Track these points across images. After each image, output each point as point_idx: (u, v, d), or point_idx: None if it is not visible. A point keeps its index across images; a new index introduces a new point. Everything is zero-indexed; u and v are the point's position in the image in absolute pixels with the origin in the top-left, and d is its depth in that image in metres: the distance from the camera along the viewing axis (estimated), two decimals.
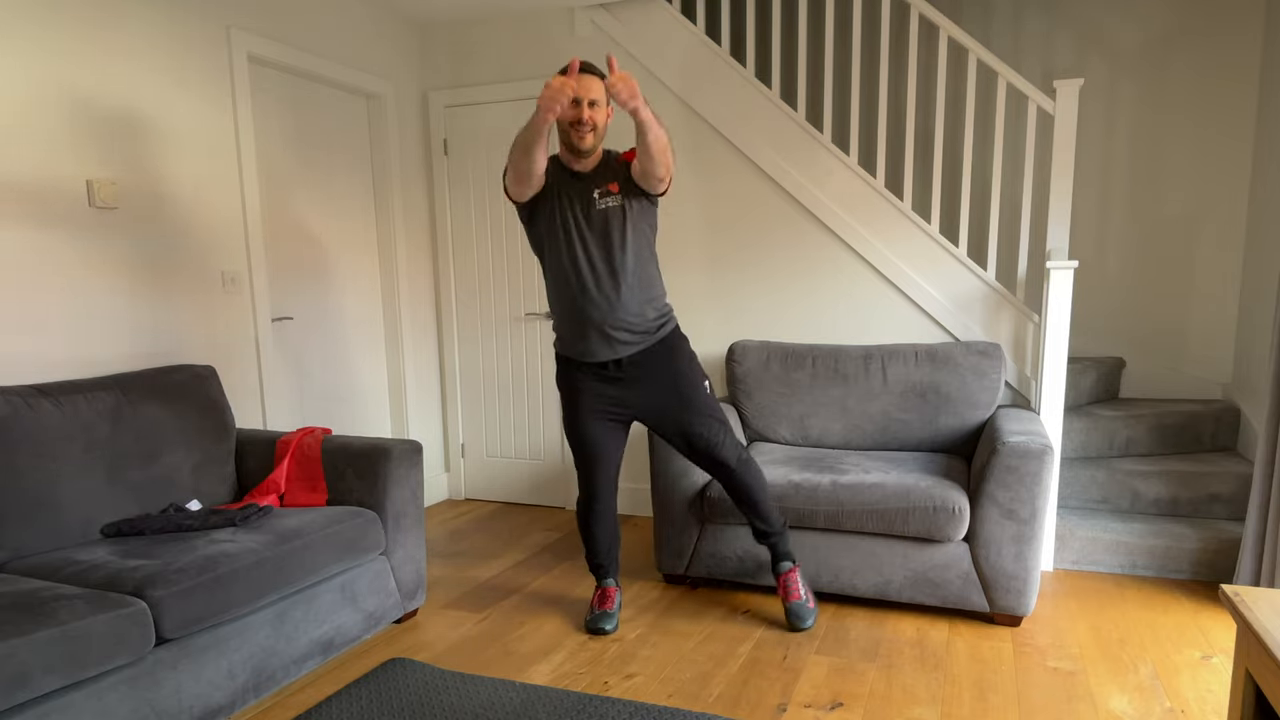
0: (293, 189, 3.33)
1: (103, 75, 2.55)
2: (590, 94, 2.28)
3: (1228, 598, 1.53)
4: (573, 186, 2.39)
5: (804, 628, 2.58)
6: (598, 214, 2.38)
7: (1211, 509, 3.13)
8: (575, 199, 2.38)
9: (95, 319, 2.55)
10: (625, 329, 2.41)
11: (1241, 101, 3.59)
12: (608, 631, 2.62)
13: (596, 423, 2.52)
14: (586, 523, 2.65)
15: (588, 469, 2.58)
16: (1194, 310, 3.76)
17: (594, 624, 2.62)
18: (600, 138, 2.35)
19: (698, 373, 2.54)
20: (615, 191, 2.39)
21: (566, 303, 2.42)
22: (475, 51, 3.86)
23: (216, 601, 1.95)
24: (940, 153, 3.25)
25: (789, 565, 2.64)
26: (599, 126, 2.32)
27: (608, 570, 2.72)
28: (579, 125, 2.30)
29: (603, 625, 2.61)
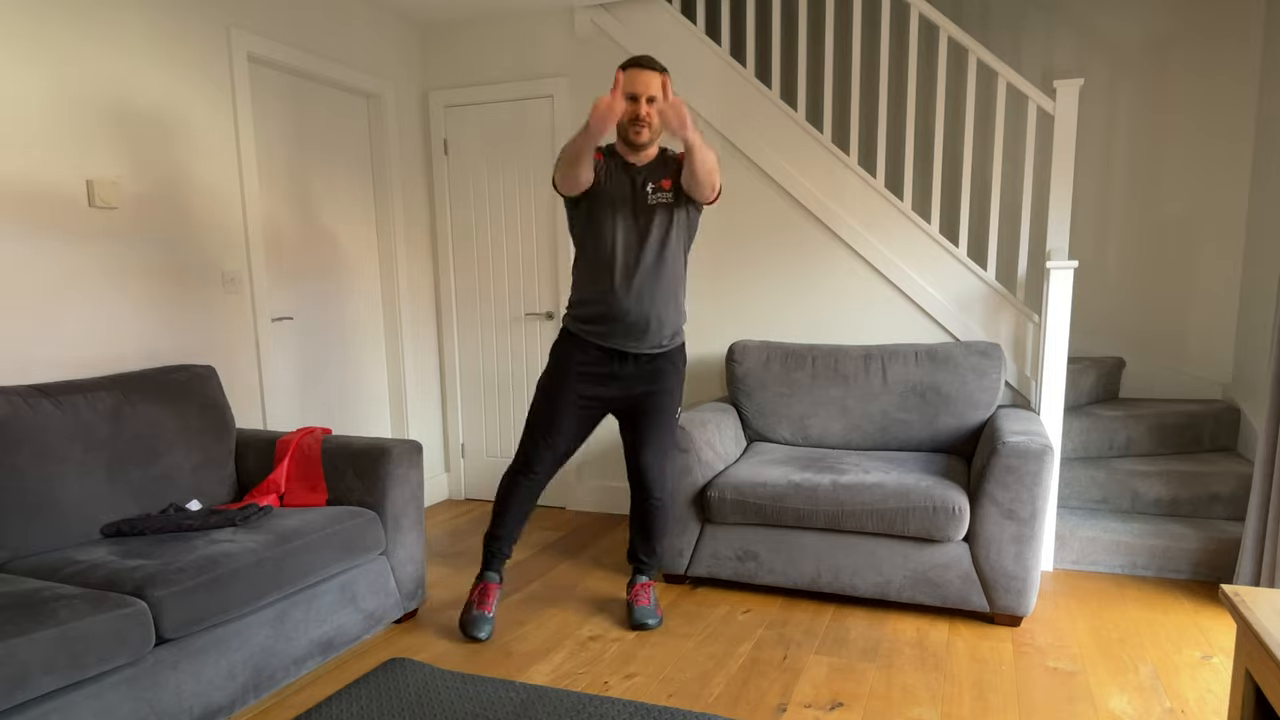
0: (293, 189, 3.33)
1: (103, 75, 2.55)
2: (648, 90, 2.30)
3: (1228, 598, 1.53)
4: (627, 178, 2.42)
5: (648, 625, 2.61)
6: (647, 209, 2.40)
7: (1211, 509, 3.13)
8: (628, 191, 2.41)
9: (95, 319, 2.55)
10: (645, 327, 2.43)
11: (1241, 102, 3.59)
12: (481, 639, 2.52)
13: (573, 403, 2.52)
14: (510, 491, 2.58)
15: (540, 440, 2.52)
16: (1194, 310, 3.76)
17: (470, 627, 2.53)
18: (657, 133, 2.38)
19: (679, 397, 2.61)
20: (668, 189, 2.41)
21: (597, 289, 2.43)
22: (475, 51, 3.86)
23: (216, 601, 1.95)
24: (940, 153, 3.25)
25: (647, 579, 2.74)
26: (655, 123, 2.34)
27: (504, 555, 2.63)
28: (636, 122, 2.32)
29: (476, 631, 2.52)
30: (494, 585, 2.63)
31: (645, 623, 2.61)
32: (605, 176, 2.42)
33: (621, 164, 2.43)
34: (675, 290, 2.48)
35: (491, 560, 2.64)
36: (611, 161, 2.44)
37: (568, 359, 2.51)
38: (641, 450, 2.58)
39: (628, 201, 2.41)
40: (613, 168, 2.43)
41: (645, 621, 2.61)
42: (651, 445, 2.58)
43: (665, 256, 2.42)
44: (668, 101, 2.17)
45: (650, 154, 2.44)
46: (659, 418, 2.56)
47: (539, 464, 2.55)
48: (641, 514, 2.67)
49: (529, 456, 2.55)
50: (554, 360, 2.55)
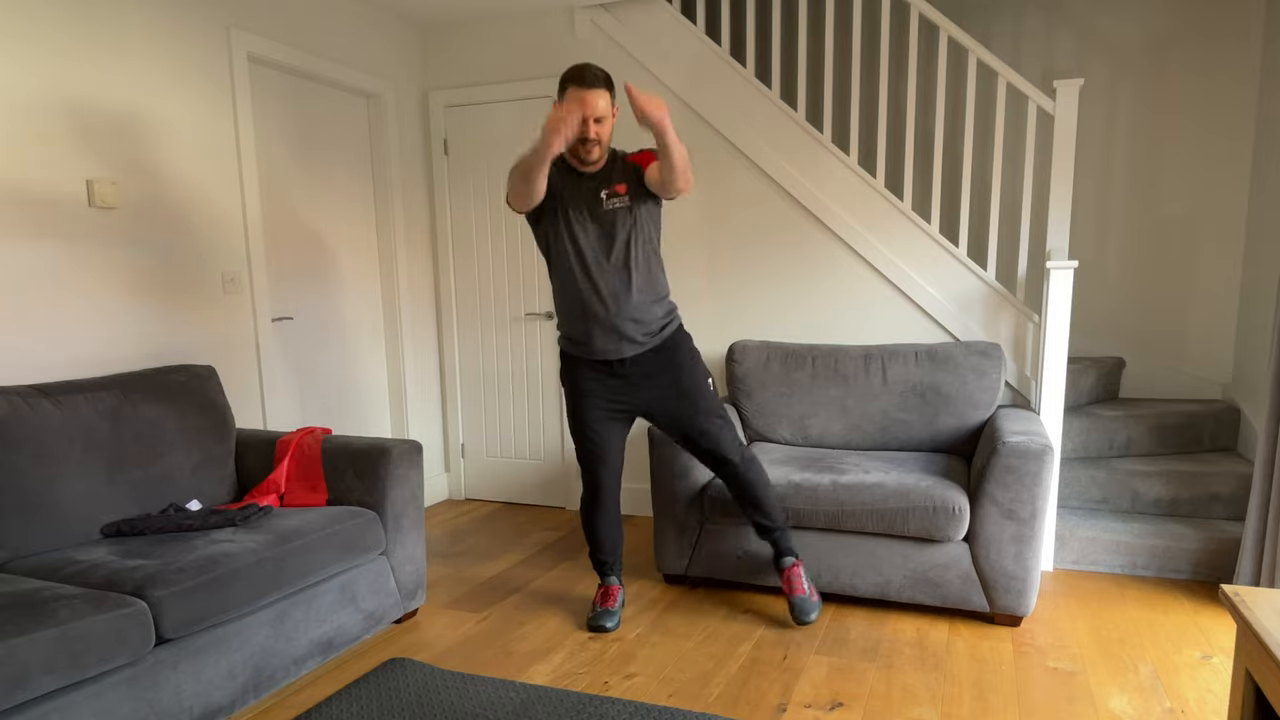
0: (293, 189, 3.33)
1: (103, 75, 2.55)
2: (595, 111, 2.28)
3: (1228, 598, 1.53)
4: (579, 188, 2.40)
5: (808, 621, 2.55)
6: (604, 214, 2.39)
7: (1211, 509, 3.13)
8: (582, 200, 2.39)
9: (95, 319, 2.55)
10: (631, 328, 2.42)
11: (1241, 102, 3.59)
12: (609, 629, 2.62)
13: (600, 420, 2.53)
14: (591, 519, 2.66)
15: (591, 465, 2.58)
16: (1194, 310, 3.76)
17: (595, 621, 2.62)
18: (605, 150, 2.38)
19: (701, 370, 2.54)
20: (623, 193, 2.40)
21: (573, 302, 2.43)
22: (475, 51, 3.86)
23: (216, 601, 1.95)
24: (940, 153, 3.25)
25: (792, 560, 2.64)
26: (604, 140, 2.34)
27: (611, 567, 2.73)
28: (585, 143, 2.32)
29: (604, 623, 2.62)
30: (615, 587, 2.73)
31: (808, 618, 2.54)
32: (557, 188, 2.40)
33: (573, 176, 2.42)
34: (651, 285, 2.45)
35: (605, 574, 2.74)
36: (563, 175, 2.42)
37: (576, 382, 2.53)
38: (690, 426, 2.50)
39: (584, 210, 2.39)
40: (564, 179, 2.41)
41: (808, 616, 2.54)
42: (696, 415, 2.49)
43: (632, 257, 2.40)
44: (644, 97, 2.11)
45: (600, 161, 2.41)
46: (691, 393, 2.49)
47: (602, 485, 2.60)
48: (736, 484, 2.57)
49: (592, 484, 2.61)
50: (566, 387, 2.57)
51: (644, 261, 2.43)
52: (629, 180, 2.41)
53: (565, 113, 2.15)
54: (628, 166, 2.42)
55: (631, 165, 2.42)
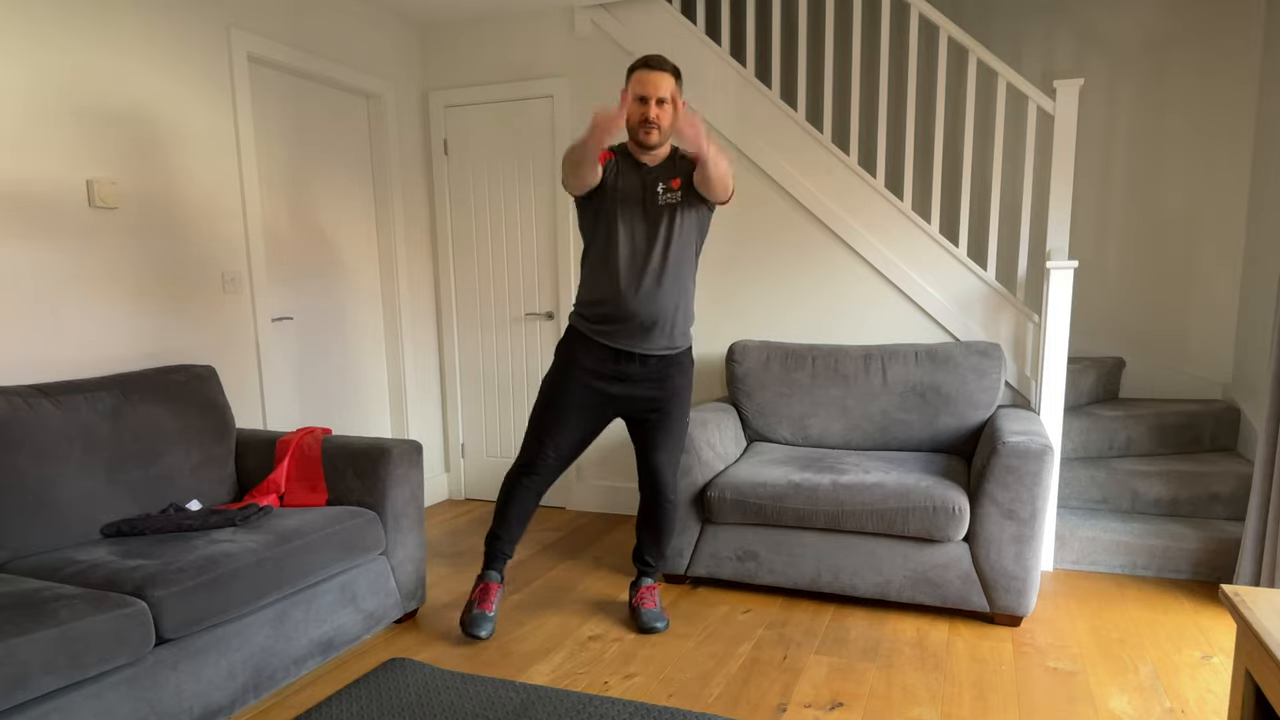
0: (293, 189, 3.33)
1: (103, 75, 2.55)
2: (659, 92, 2.30)
3: (1228, 598, 1.53)
4: (637, 177, 2.42)
5: (657, 629, 2.60)
6: (656, 209, 2.40)
7: (1211, 509, 3.13)
8: (637, 191, 2.41)
9: (95, 319, 2.55)
10: (653, 328, 2.43)
11: (1241, 101, 3.59)
12: (482, 638, 2.52)
13: (579, 403, 2.50)
14: (512, 492, 2.56)
15: (544, 440, 2.51)
16: (1194, 310, 3.76)
17: (471, 626, 2.51)
18: (667, 134, 2.37)
19: (688, 401, 2.60)
20: (677, 188, 2.41)
21: (604, 288, 2.43)
22: (476, 51, 3.86)
23: (216, 601, 1.95)
24: (940, 153, 3.25)
25: (652, 582, 2.73)
26: (665, 125, 2.35)
27: (505, 555, 2.61)
28: (646, 123, 2.33)
29: (477, 630, 2.50)
30: (495, 585, 2.61)
31: (654, 626, 2.60)
32: (615, 176, 2.41)
33: (632, 163, 2.43)
34: (684, 291, 2.46)
35: (493, 560, 2.62)
36: (622, 161, 2.44)
37: (574, 358, 2.50)
38: (654, 453, 2.57)
39: (637, 201, 2.40)
40: (623, 167, 2.42)
41: (654, 625, 2.60)
42: (664, 448, 2.56)
43: (674, 257, 2.41)
44: (682, 116, 2.19)
45: (661, 154, 2.43)
46: (670, 421, 2.55)
47: (542, 464, 2.53)
48: (652, 516, 2.65)
49: (532, 457, 2.53)
50: (560, 359, 2.53)
51: (681, 264, 2.43)
52: (685, 177, 2.42)
53: (617, 112, 2.16)
54: (687, 164, 2.44)
55: (690, 164, 2.44)
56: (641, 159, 2.43)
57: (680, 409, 2.56)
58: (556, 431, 2.51)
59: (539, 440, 2.52)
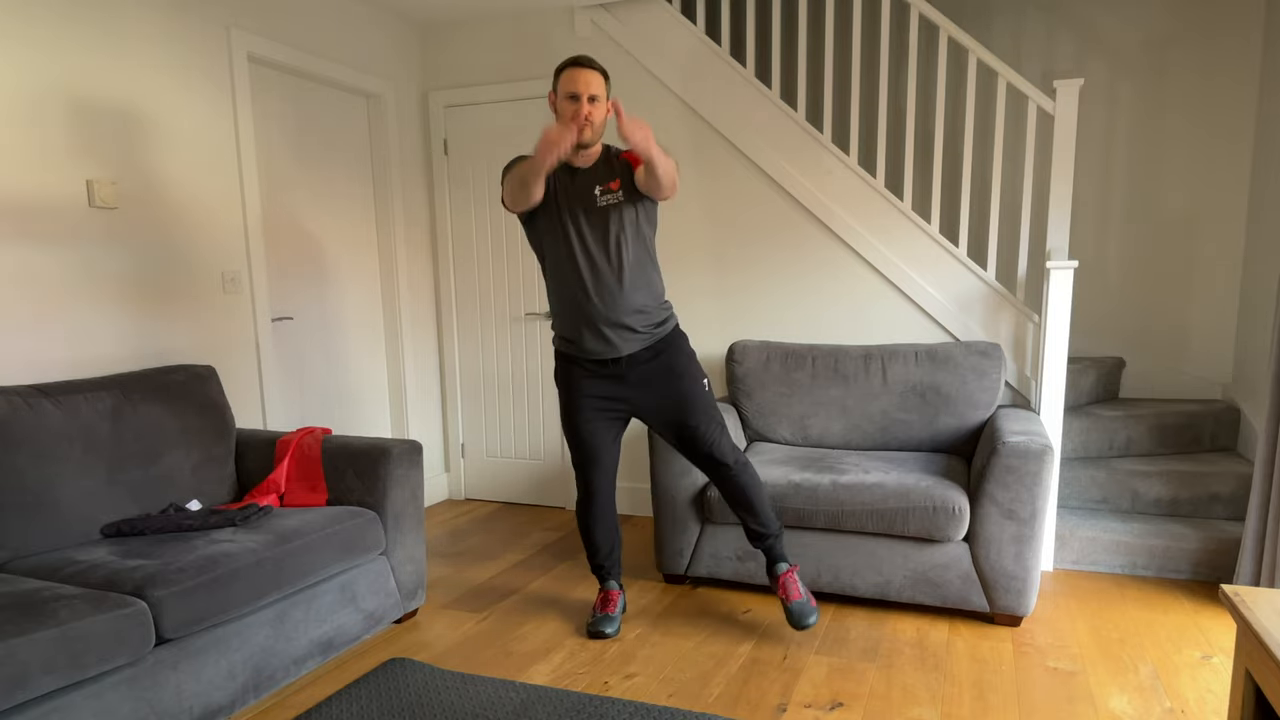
0: (293, 189, 3.33)
1: (103, 75, 2.55)
2: (589, 89, 2.28)
3: (1228, 598, 1.53)
4: (573, 184, 2.39)
5: (807, 625, 2.45)
6: (598, 211, 2.37)
7: (1211, 509, 3.13)
8: (576, 197, 2.38)
9: (95, 319, 2.55)
10: (626, 327, 2.41)
11: (1241, 102, 3.59)
12: (608, 635, 2.60)
13: (595, 420, 2.51)
14: (586, 523, 2.64)
15: (586, 467, 2.56)
16: (1194, 310, 3.76)
17: (594, 627, 2.60)
18: (599, 133, 2.35)
19: (697, 371, 2.52)
20: (616, 189, 2.39)
21: (567, 301, 2.42)
22: (475, 51, 3.86)
23: (216, 601, 1.95)
24: (940, 153, 3.25)
25: (786, 566, 2.57)
26: (597, 122, 2.32)
27: (609, 572, 2.70)
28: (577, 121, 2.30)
29: (603, 629, 2.59)
30: (615, 592, 2.69)
31: (806, 622, 2.45)
32: (551, 185, 2.39)
33: (566, 170, 2.40)
34: (648, 284, 2.43)
35: (605, 579, 2.71)
36: (558, 170, 2.41)
37: (571, 383, 2.51)
38: (685, 427, 2.48)
39: (578, 207, 2.37)
40: (558, 176, 2.40)
41: (806, 621, 2.45)
42: (691, 416, 2.47)
43: (627, 253, 2.38)
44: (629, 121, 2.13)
45: (594, 153, 2.40)
46: (687, 396, 2.47)
47: (597, 488, 2.58)
48: (730, 488, 2.53)
49: (586, 485, 2.59)
50: (561, 388, 2.55)
51: (638, 259, 2.41)
52: (622, 176, 2.39)
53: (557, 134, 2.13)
54: (622, 163, 2.41)
55: (624, 161, 2.42)
56: (575, 163, 2.39)
57: (690, 380, 2.49)
58: (592, 457, 2.55)
59: (584, 470, 2.58)
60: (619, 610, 2.67)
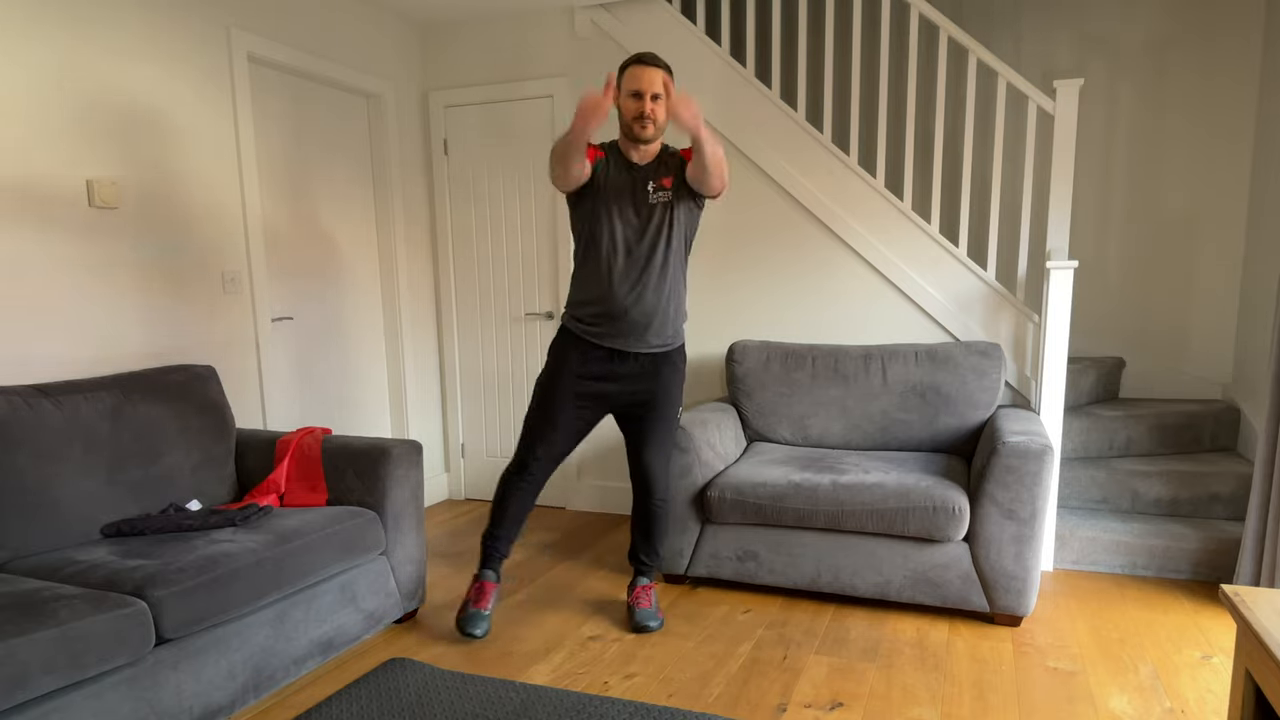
0: (293, 189, 3.33)
1: (103, 75, 2.55)
2: (653, 87, 2.30)
3: (1228, 598, 1.53)
4: (628, 176, 2.42)
5: (649, 628, 2.59)
6: (647, 207, 2.40)
7: (1211, 509, 3.13)
8: (628, 189, 2.41)
9: (95, 319, 2.55)
10: (644, 326, 2.43)
11: (1241, 102, 3.59)
12: (478, 636, 2.52)
13: (570, 406, 2.51)
14: (507, 491, 2.57)
15: (538, 442, 2.52)
16: (1194, 310, 3.76)
17: (466, 624, 2.50)
18: (661, 130, 2.38)
19: (679, 396, 2.60)
20: (668, 187, 2.42)
21: (594, 289, 2.43)
22: (476, 51, 3.86)
23: (216, 601, 1.95)
24: (940, 153, 3.25)
25: (648, 581, 2.73)
26: (660, 120, 2.34)
27: (500, 552, 2.61)
28: (640, 118, 2.33)
29: (473, 629, 2.50)
30: (491, 584, 2.61)
31: (647, 625, 2.60)
32: (605, 173, 2.41)
33: (623, 162, 2.43)
34: (675, 289, 2.47)
35: (489, 559, 2.62)
36: (612, 159, 2.43)
37: (566, 358, 2.50)
38: (643, 450, 2.59)
39: (628, 200, 2.40)
40: (613, 165, 2.42)
41: (647, 624, 2.60)
42: (653, 445, 2.58)
43: (665, 255, 2.42)
44: (677, 97, 2.17)
45: (652, 151, 2.44)
46: (660, 419, 2.56)
47: (536, 464, 2.54)
48: (643, 514, 2.67)
49: (526, 456, 2.55)
50: (552, 359, 2.54)
51: (675, 262, 2.44)
52: (676, 175, 2.42)
53: (603, 97, 2.15)
54: (677, 161, 2.44)
55: (681, 160, 2.44)
56: (632, 156, 2.43)
57: (670, 406, 2.57)
58: (550, 432, 2.51)
59: (533, 441, 2.53)
60: (491, 608, 2.58)
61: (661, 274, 2.42)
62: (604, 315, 2.43)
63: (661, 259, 2.41)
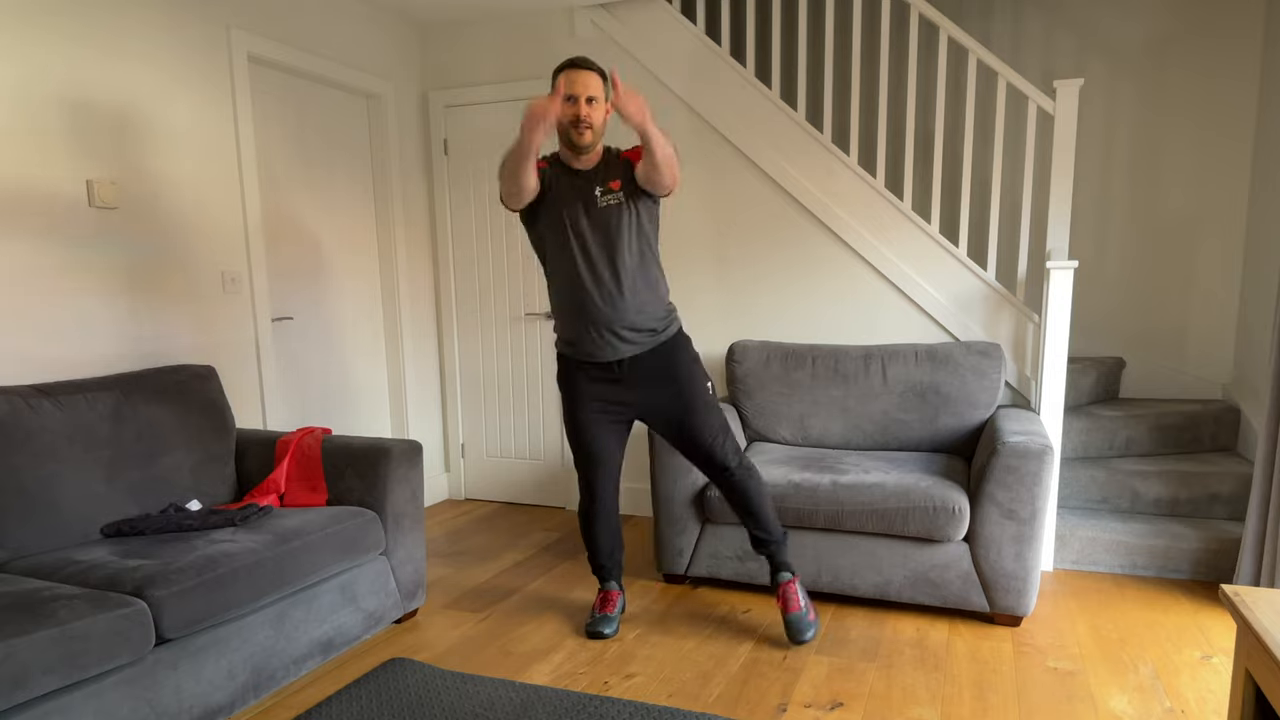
0: (293, 189, 3.34)
1: (103, 75, 2.55)
2: (588, 90, 2.25)
3: (1228, 598, 1.53)
4: (574, 184, 2.37)
5: (804, 640, 2.46)
6: (600, 212, 2.35)
7: (1211, 509, 3.13)
8: (577, 197, 2.36)
9: (96, 319, 2.55)
10: (629, 329, 2.39)
11: (1241, 101, 3.59)
12: (606, 635, 2.59)
13: (598, 423, 2.50)
14: (588, 524, 2.63)
15: (588, 470, 2.56)
16: (1194, 310, 3.76)
17: (593, 627, 2.59)
18: (599, 134, 2.33)
19: (701, 374, 2.50)
20: (617, 189, 2.36)
21: (569, 303, 2.40)
22: (475, 51, 3.86)
23: (216, 601, 1.95)
24: (940, 153, 3.25)
25: (788, 576, 2.54)
26: (597, 124, 2.30)
27: (610, 572, 2.70)
28: (578, 123, 2.28)
29: (602, 629, 2.58)
30: (614, 592, 2.68)
31: (803, 637, 2.44)
32: (552, 186, 2.37)
33: (567, 171, 2.38)
34: (649, 283, 2.41)
35: (604, 577, 2.70)
36: (556, 170, 2.39)
37: (574, 385, 2.50)
38: (692, 435, 2.47)
39: (579, 208, 2.35)
40: (559, 176, 2.38)
41: (803, 636, 2.44)
42: (698, 425, 2.45)
43: (628, 256, 2.36)
44: (624, 93, 2.11)
45: (594, 156, 2.38)
46: (690, 399, 2.45)
47: (600, 490, 2.57)
48: (731, 495, 2.52)
49: (589, 487, 2.58)
50: (563, 391, 2.54)
51: (640, 260, 2.39)
52: (623, 176, 2.37)
53: (549, 100, 2.11)
54: (623, 163, 2.39)
55: (625, 160, 2.40)
56: (575, 165, 2.38)
57: (693, 383, 2.46)
58: (596, 459, 2.53)
59: (586, 472, 2.57)
60: (618, 611, 2.66)
61: (628, 275, 2.36)
62: (584, 334, 2.39)
63: (625, 259, 2.35)
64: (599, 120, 2.30)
